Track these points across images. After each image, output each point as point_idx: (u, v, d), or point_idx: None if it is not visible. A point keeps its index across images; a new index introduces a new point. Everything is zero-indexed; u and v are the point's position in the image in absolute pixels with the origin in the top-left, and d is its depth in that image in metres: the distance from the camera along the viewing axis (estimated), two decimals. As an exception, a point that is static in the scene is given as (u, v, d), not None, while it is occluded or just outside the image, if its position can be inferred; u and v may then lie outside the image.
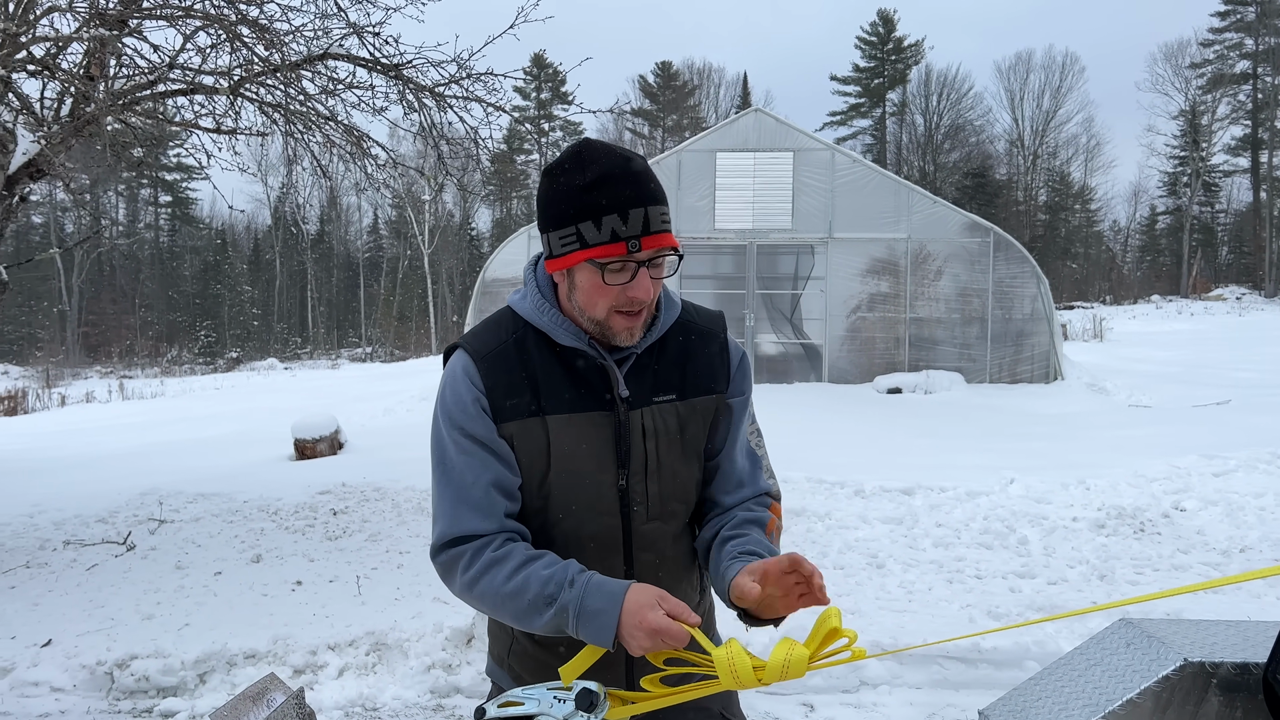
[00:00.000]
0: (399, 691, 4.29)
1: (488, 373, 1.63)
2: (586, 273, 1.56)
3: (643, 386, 1.67)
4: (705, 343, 1.74)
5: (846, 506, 7.18)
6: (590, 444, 1.63)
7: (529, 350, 1.65)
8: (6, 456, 10.75)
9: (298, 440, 10.29)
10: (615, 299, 1.56)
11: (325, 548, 6.44)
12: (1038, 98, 56.33)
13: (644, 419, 1.65)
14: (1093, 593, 5.33)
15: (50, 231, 50.56)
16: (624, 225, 1.51)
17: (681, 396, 1.69)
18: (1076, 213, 57.10)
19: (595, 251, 1.52)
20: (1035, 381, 14.73)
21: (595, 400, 1.64)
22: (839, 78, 61.81)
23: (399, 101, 6.64)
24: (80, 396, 22.35)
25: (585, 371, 1.65)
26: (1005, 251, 14.95)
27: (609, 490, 1.66)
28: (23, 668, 4.50)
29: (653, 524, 1.69)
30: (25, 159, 5.95)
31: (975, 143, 56.90)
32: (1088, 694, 1.80)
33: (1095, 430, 10.61)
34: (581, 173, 1.54)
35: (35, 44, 5.58)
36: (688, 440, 1.70)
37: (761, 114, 15.90)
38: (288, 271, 57.06)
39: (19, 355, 42.83)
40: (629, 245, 1.51)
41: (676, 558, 1.74)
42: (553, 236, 1.58)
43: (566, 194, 1.55)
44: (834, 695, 4.27)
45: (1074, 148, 56.64)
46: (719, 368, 1.74)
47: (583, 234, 1.53)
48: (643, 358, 1.68)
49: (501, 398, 1.61)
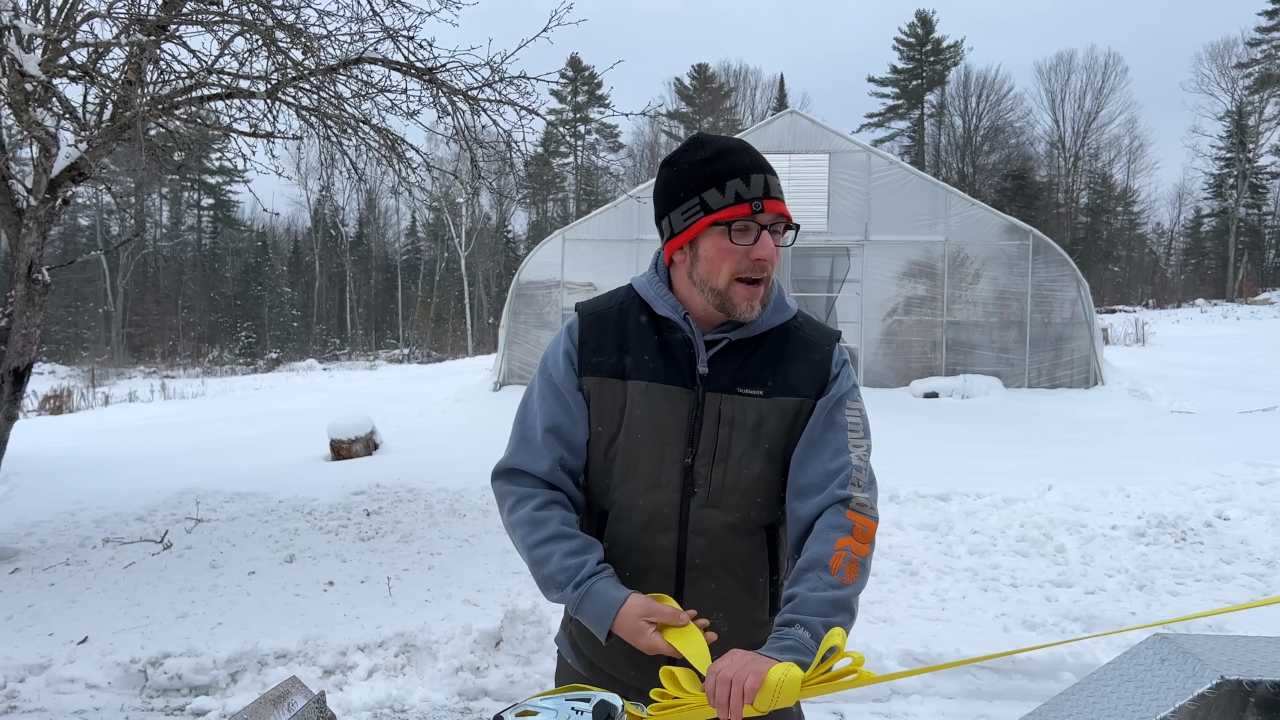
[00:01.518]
0: (427, 693, 4.29)
1: (587, 328, 1.74)
2: (711, 239, 1.62)
3: (727, 373, 1.69)
4: (807, 350, 1.74)
5: (880, 512, 7.10)
6: (664, 416, 1.68)
7: (630, 317, 1.74)
8: (51, 455, 10.94)
9: (333, 441, 10.38)
10: (738, 263, 1.61)
11: (358, 548, 6.49)
12: (1079, 99, 55.57)
13: (721, 405, 1.68)
14: (1131, 603, 5.23)
15: (96, 234, 51.52)
16: (747, 188, 1.59)
17: (768, 395, 1.69)
18: (1118, 215, 56.23)
19: (721, 214, 1.59)
20: (1075, 386, 14.50)
21: (678, 375, 1.69)
22: (876, 79, 61.45)
23: (433, 105, 6.68)
24: (124, 396, 22.71)
25: (675, 345, 1.70)
26: (1045, 254, 14.74)
27: (673, 466, 1.69)
28: (59, 664, 4.56)
29: (711, 510, 1.69)
30: (68, 162, 6.05)
31: (1015, 144, 56.23)
32: (1121, 710, 1.75)
33: (1136, 436, 10.43)
34: (702, 150, 1.64)
35: (76, 49, 5.68)
36: (763, 436, 1.69)
37: (797, 116, 15.82)
38: (327, 273, 57.69)
39: (65, 355, 43.65)
40: (753, 206, 1.59)
41: (734, 552, 1.71)
42: (675, 215, 1.66)
43: (689, 170, 1.64)
44: (864, 704, 4.21)
45: (1116, 149, 55.83)
46: (815, 374, 1.73)
47: (706, 201, 1.61)
48: (736, 347, 1.71)
49: (591, 353, 1.72)
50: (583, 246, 15.61)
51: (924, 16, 59.32)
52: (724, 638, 1.64)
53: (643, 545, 1.71)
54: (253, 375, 34.57)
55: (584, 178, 60.76)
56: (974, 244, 14.87)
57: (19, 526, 7.23)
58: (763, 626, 1.75)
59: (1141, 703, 1.80)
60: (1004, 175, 54.02)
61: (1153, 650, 1.91)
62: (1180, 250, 59.18)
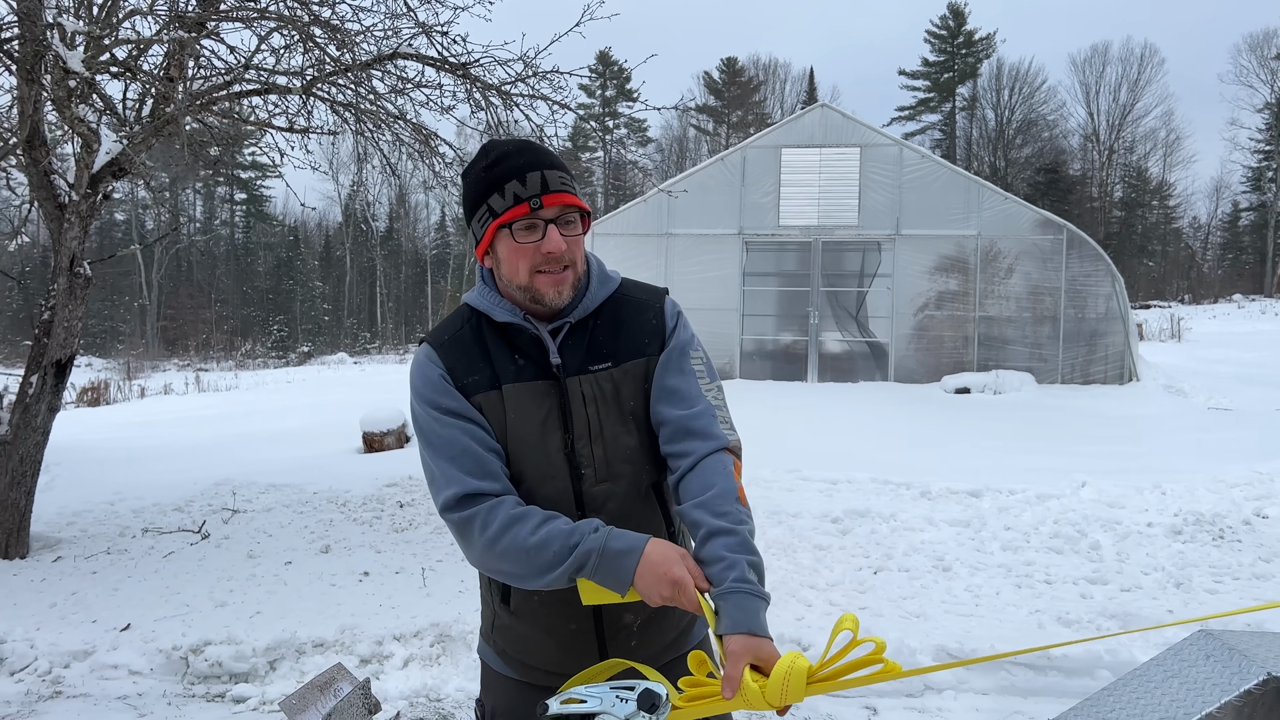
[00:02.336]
0: (462, 683, 4.34)
1: (446, 355, 1.78)
2: (503, 241, 1.71)
3: (579, 355, 1.77)
4: (640, 310, 1.84)
5: (912, 508, 7.08)
6: (537, 411, 1.74)
7: (481, 332, 1.80)
8: (89, 446, 11.12)
9: (366, 433, 10.47)
10: (532, 258, 1.68)
11: (392, 539, 6.55)
12: (1114, 91, 54.89)
13: (582, 386, 1.75)
14: (1169, 601, 5.18)
15: (132, 228, 52.22)
16: (524, 188, 1.66)
17: (616, 363, 1.78)
18: (1154, 209, 55.47)
19: (503, 217, 1.67)
20: (1109, 383, 14.35)
21: (538, 370, 1.76)
22: (907, 72, 60.97)
23: (466, 100, 6.71)
24: (159, 388, 23.02)
25: (525, 344, 1.77)
26: (1079, 249, 14.58)
27: (556, 454, 1.75)
28: (102, 651, 4.65)
29: (602, 485, 1.76)
30: (108, 158, 6.14)
31: (1048, 138, 55.60)
32: (1164, 707, 1.74)
33: (1172, 433, 10.30)
34: (485, 157, 1.73)
35: (118, 46, 5.76)
36: (623, 402, 1.77)
37: (828, 109, 15.74)
38: (358, 268, 58.12)
39: (101, 348, 44.30)
40: (531, 204, 1.66)
41: (632, 518, 1.75)
42: (474, 224, 1.75)
43: (476, 179, 1.73)
44: (897, 699, 4.21)
45: (1152, 142, 55.08)
46: (652, 333, 1.82)
47: (491, 207, 1.69)
48: (578, 328, 1.79)
49: (463, 375, 1.76)
50: (611, 241, 15.63)
51: (956, 9, 58.75)
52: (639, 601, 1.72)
53: None
54: (285, 368, 34.91)
55: (612, 172, 60.77)
56: (1007, 238, 14.74)
57: (60, 516, 7.37)
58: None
59: (1186, 699, 1.79)
60: (1037, 169, 53.44)
61: (1198, 646, 1.89)
62: (1217, 245, 58.31)
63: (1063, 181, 52.06)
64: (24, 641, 4.73)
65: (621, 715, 1.45)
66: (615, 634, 1.78)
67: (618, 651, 1.76)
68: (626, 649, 1.77)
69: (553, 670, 1.80)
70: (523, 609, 1.79)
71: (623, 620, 1.78)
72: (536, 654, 1.82)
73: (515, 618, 1.82)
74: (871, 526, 6.66)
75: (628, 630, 1.79)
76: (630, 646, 1.78)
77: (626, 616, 1.78)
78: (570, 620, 1.77)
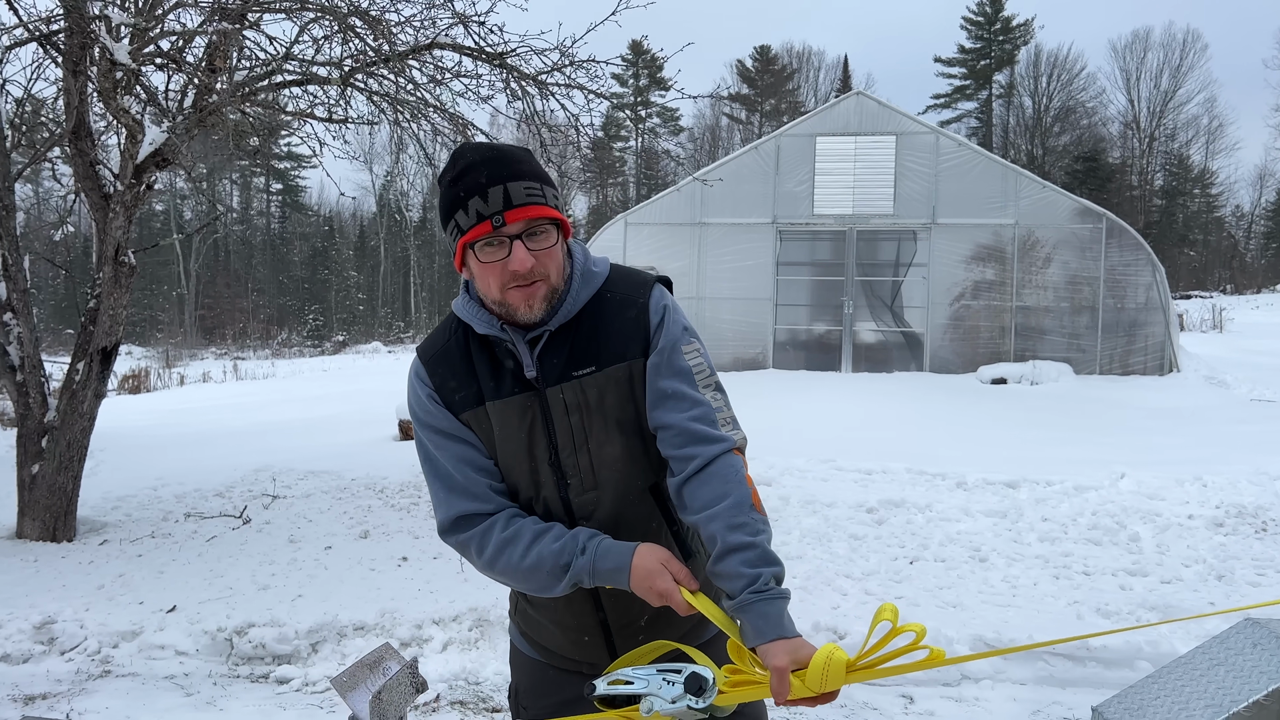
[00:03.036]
0: (500, 667, 4.39)
1: (433, 371, 1.76)
2: (472, 257, 1.65)
3: (558, 363, 1.70)
4: (621, 310, 1.74)
5: (948, 499, 7.05)
6: (521, 424, 1.71)
7: (467, 344, 1.76)
8: (131, 432, 11.33)
9: (402, 421, 10.58)
10: (500, 276, 1.62)
11: (429, 525, 6.62)
12: (1155, 77, 53.92)
13: (564, 394, 1.70)
14: (1210, 593, 5.12)
15: (170, 218, 52.92)
16: (485, 204, 1.59)
17: (599, 367, 1.70)
18: (1195, 198, 54.52)
19: (468, 235, 1.61)
20: (1149, 373, 14.16)
21: (518, 383, 1.71)
22: (943, 59, 60.29)
23: (504, 90, 6.75)
24: (197, 376, 23.36)
25: (504, 356, 1.73)
26: (1118, 238, 14.39)
27: (543, 465, 1.72)
28: (150, 631, 4.76)
29: (589, 494, 1.73)
30: (152, 148, 6.24)
31: (1087, 125, 54.77)
32: (1210, 694, 1.74)
33: (1213, 425, 10.16)
34: (452, 170, 1.65)
35: (163, 38, 5.85)
36: (608, 411, 1.71)
37: (863, 97, 15.62)
38: (392, 258, 58.53)
39: (141, 336, 44.95)
40: (493, 221, 1.59)
41: (627, 521, 1.74)
42: (447, 238, 1.69)
43: (444, 193, 1.66)
44: (934, 688, 4.21)
45: (1194, 129, 54.07)
46: (633, 333, 1.72)
47: (458, 224, 1.63)
48: (558, 335, 1.71)
49: (451, 392, 1.74)
50: (645, 230, 15.63)
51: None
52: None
53: None
54: (320, 357, 35.29)
55: (644, 161, 60.69)
56: (1045, 227, 14.57)
57: (105, 500, 7.52)
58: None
59: (1232, 686, 1.78)
60: (1075, 157, 52.67)
61: (1244, 635, 1.89)
62: (1260, 234, 57.20)
63: (1102, 169, 51.29)
64: (74, 622, 4.85)
65: (668, 698, 1.47)
66: (621, 629, 1.78)
67: (625, 646, 1.76)
68: (634, 644, 1.76)
69: (568, 657, 1.83)
70: (537, 600, 1.81)
71: (629, 617, 1.78)
72: (551, 641, 1.85)
73: (531, 606, 1.85)
74: (907, 516, 6.63)
75: (634, 627, 1.79)
76: (638, 641, 1.76)
77: (633, 612, 1.77)
78: (578, 616, 1.78)
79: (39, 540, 6.40)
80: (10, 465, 6.93)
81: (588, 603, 1.76)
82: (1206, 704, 1.76)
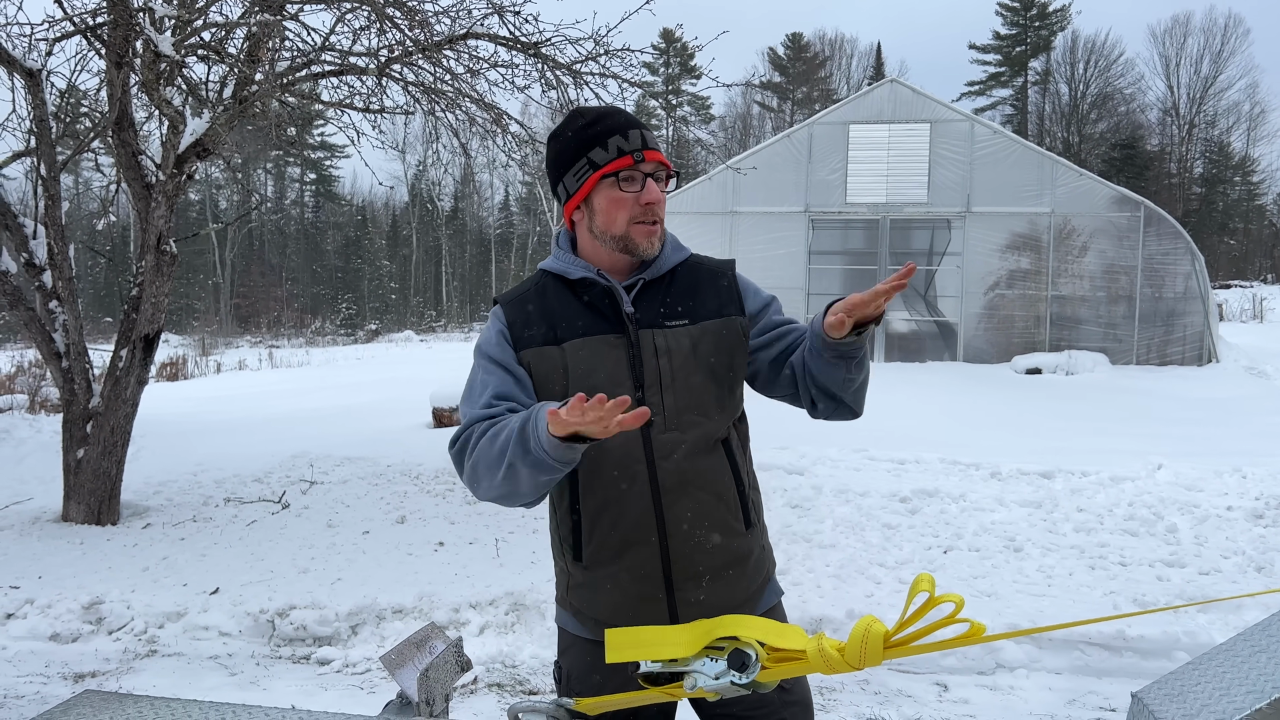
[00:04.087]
0: (536, 650, 4.44)
1: (509, 312, 1.88)
2: (603, 191, 1.80)
3: (652, 310, 1.84)
4: (714, 277, 1.93)
5: (982, 489, 7.02)
6: (606, 362, 1.80)
7: (548, 292, 1.88)
8: (171, 419, 11.52)
9: (436, 409, 10.68)
10: (630, 209, 1.79)
11: (465, 511, 6.70)
12: (1195, 63, 52.93)
13: (655, 339, 1.81)
14: (1249, 585, 5.08)
15: (206, 208, 53.56)
16: (626, 142, 1.77)
17: (693, 322, 1.85)
18: (1236, 185, 53.53)
19: (607, 167, 1.77)
20: (1187, 364, 13.99)
21: (607, 323, 1.82)
22: (978, 46, 59.51)
23: (539, 80, 6.78)
24: (234, 364, 23.67)
25: (596, 299, 1.84)
26: (1157, 226, 14.20)
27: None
28: (194, 613, 4.86)
29: (670, 434, 1.80)
30: (193, 138, 6.34)
31: (1125, 112, 53.90)
32: (1252, 680, 1.74)
33: (1253, 416, 10.02)
34: (583, 117, 1.84)
35: (205, 29, 5.93)
36: (700, 356, 1.83)
37: (897, 84, 15.51)
38: (423, 247, 58.88)
39: (178, 325, 45.57)
40: (634, 156, 1.77)
41: (700, 469, 1.82)
42: (567, 178, 1.84)
43: (574, 136, 1.82)
44: (969, 676, 4.21)
45: (1235, 116, 53.02)
46: (728, 296, 1.90)
47: (593, 159, 1.79)
48: (651, 286, 1.87)
49: (521, 329, 1.85)
50: (676, 219, 15.62)
51: (1029, -20, 57.15)
52: (714, 548, 1.82)
53: (618, 485, 1.81)
54: (354, 345, 35.62)
55: (676, 150, 60.56)
56: (1081, 216, 14.42)
57: (147, 485, 7.66)
58: (742, 536, 1.88)
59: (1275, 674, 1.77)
60: (1112, 145, 51.89)
61: (1286, 622, 1.88)
62: (1303, 222, 56.12)
63: (1140, 157, 50.50)
64: (120, 603, 4.96)
65: (712, 674, 1.49)
66: (685, 582, 1.82)
67: (687, 609, 1.81)
68: (695, 605, 1.81)
69: (624, 625, 1.85)
70: (595, 560, 1.84)
71: (691, 569, 1.82)
72: (608, 607, 1.87)
73: (588, 571, 1.86)
74: (941, 506, 6.62)
75: (696, 581, 1.82)
76: (700, 601, 1.82)
77: (696, 562, 1.82)
78: (642, 566, 1.82)
79: (84, 524, 6.55)
80: (56, 450, 7.08)
81: (653, 549, 1.80)
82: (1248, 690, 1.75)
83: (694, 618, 1.72)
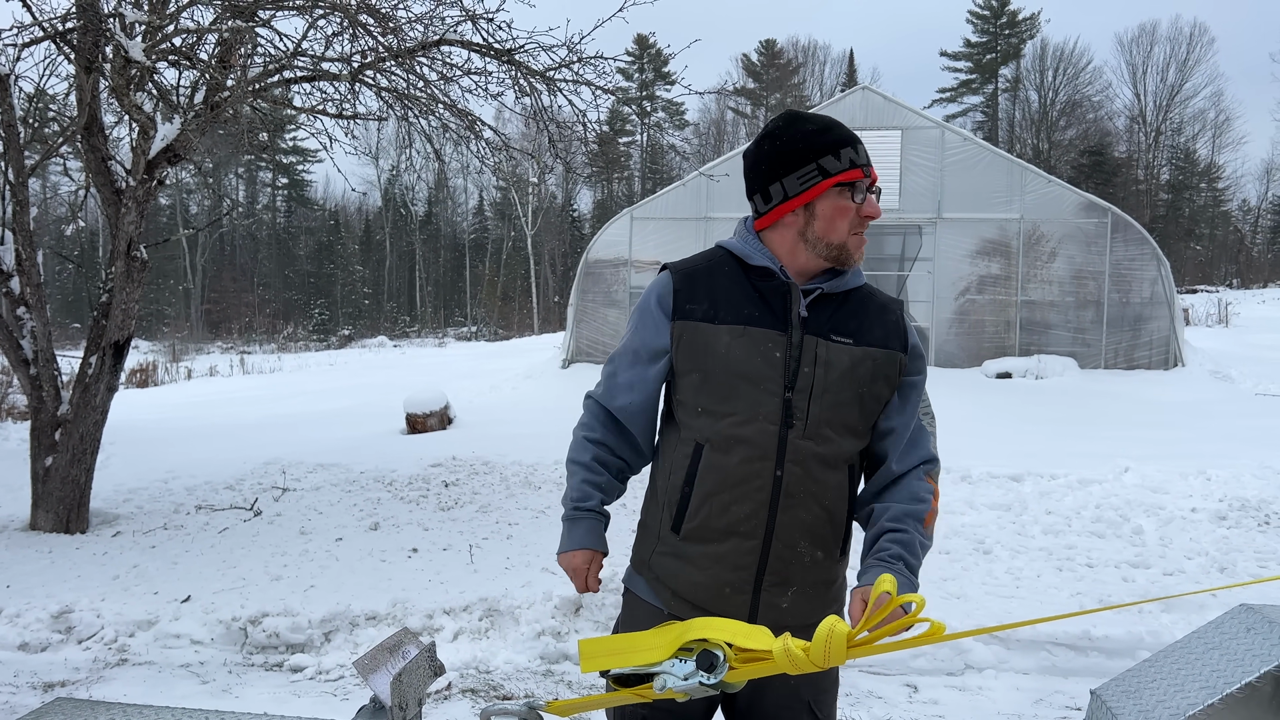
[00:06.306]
0: (510, 656, 4.45)
1: (679, 282, 1.92)
2: (830, 199, 1.83)
3: (821, 320, 1.87)
4: (885, 309, 1.95)
5: (952, 492, 7.10)
6: (763, 357, 1.83)
7: (720, 271, 1.92)
8: (141, 425, 11.41)
9: (409, 415, 10.65)
10: (852, 219, 1.84)
11: (438, 517, 6.69)
12: (1162, 71, 53.66)
13: (818, 348, 1.84)
14: (1212, 585, 5.17)
15: (176, 213, 53.02)
16: (857, 155, 1.84)
17: (857, 344, 1.87)
18: (1202, 192, 54.31)
19: (841, 177, 1.82)
20: (1154, 368, 14.18)
21: (773, 319, 1.85)
22: (949, 53, 60.05)
23: (512, 87, 6.79)
24: (204, 370, 23.45)
25: (769, 292, 1.87)
26: (1124, 232, 14.40)
27: (772, 399, 1.82)
28: (165, 621, 4.83)
29: (807, 441, 1.83)
30: (164, 143, 6.31)
31: (1093, 119, 54.57)
32: (1204, 676, 1.79)
33: (1218, 419, 10.19)
34: (809, 123, 1.87)
35: (176, 35, 5.90)
36: (856, 378, 1.85)
37: (869, 91, 15.64)
38: (397, 252, 58.61)
39: (148, 330, 45.05)
40: (865, 171, 1.84)
41: (823, 483, 1.85)
42: (789, 180, 1.85)
43: (802, 140, 1.84)
44: (938, 677, 4.26)
45: (1201, 123, 53.77)
46: (894, 332, 1.93)
47: (824, 167, 1.82)
48: (827, 298, 1.89)
49: (684, 300, 1.89)
50: (650, 225, 15.68)
51: (999, -12, 57.72)
52: (811, 563, 1.86)
53: (741, 474, 1.83)
54: (326, 351, 35.39)
55: (649, 156, 60.66)
56: (1050, 222, 14.59)
57: (117, 493, 7.60)
58: (836, 562, 1.94)
59: (1226, 669, 1.83)
60: (1081, 151, 52.51)
61: (1238, 620, 1.94)
62: (1267, 228, 56.98)
63: (1107, 164, 51.12)
64: (90, 611, 4.92)
65: (681, 674, 1.52)
66: (772, 588, 1.85)
67: (767, 611, 1.85)
68: (776, 610, 1.85)
69: (698, 606, 1.86)
70: (693, 536, 1.87)
71: (785, 574, 1.85)
72: (692, 585, 1.88)
73: (683, 543, 1.88)
74: (912, 509, 6.67)
75: (782, 590, 1.86)
76: (781, 608, 1.86)
77: (792, 570, 1.86)
78: (733, 562, 1.84)
79: (53, 532, 6.48)
80: (24, 458, 7.00)
81: (755, 546, 1.84)
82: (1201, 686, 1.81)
83: (772, 623, 1.74)
